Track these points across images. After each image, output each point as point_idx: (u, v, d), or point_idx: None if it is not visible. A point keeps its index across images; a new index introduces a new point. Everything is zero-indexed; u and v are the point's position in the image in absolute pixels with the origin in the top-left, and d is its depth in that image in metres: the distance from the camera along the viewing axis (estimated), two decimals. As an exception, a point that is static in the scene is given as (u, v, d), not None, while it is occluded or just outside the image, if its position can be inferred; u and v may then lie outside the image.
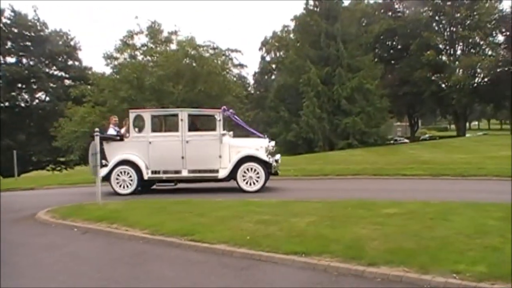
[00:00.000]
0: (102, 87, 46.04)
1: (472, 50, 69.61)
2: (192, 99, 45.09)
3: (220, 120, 15.66)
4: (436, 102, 69.64)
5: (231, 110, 17.27)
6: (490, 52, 69.14)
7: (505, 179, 17.01)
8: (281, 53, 76.64)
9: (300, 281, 6.91)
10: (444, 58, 70.45)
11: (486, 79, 69.92)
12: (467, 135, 71.68)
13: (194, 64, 47.90)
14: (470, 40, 68.49)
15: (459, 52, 71.14)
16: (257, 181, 15.46)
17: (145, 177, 15.73)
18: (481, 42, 69.66)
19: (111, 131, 16.84)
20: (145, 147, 15.71)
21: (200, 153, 15.59)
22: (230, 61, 54.09)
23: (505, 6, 72.77)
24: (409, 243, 7.82)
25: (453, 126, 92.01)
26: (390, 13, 73.50)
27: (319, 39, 52.05)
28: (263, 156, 15.55)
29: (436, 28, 70.79)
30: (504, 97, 70.19)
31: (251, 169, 15.44)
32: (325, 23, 52.44)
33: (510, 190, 12.55)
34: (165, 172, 15.81)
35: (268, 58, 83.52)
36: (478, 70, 68.36)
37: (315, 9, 55.43)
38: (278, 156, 16.02)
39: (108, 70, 49.48)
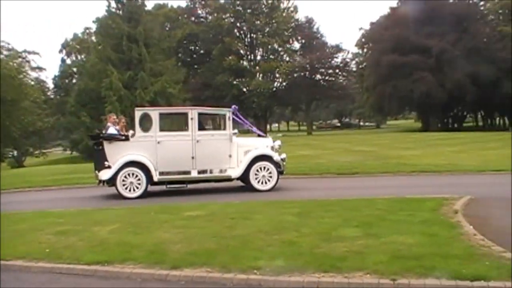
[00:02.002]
0: None
1: (271, 56, 73.09)
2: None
3: (230, 119, 15.11)
4: (238, 106, 71.86)
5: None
6: (287, 58, 73.11)
7: (302, 177, 18.08)
8: (83, 56, 74.33)
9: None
10: (245, 63, 73.20)
11: (284, 84, 73.75)
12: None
13: (-15, 67, 44.78)
14: (269, 47, 71.94)
15: (259, 57, 74.37)
16: (269, 180, 14.85)
17: (155, 179, 14.48)
18: (279, 49, 73.51)
19: (112, 130, 15.32)
20: (153, 147, 14.51)
21: (211, 153, 14.82)
22: (27, 63, 51.51)
23: (300, 16, 77.29)
24: (211, 244, 7.89)
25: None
26: (193, 18, 74.66)
27: (121, 43, 51.08)
28: (275, 155, 15.11)
29: (238, 34, 73.24)
30: (300, 100, 74.66)
31: (263, 168, 14.86)
32: (127, 26, 51.59)
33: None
34: (174, 173, 14.74)
35: (68, 61, 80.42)
36: (277, 75, 71.94)
37: (117, 11, 54.27)
38: (284, 155, 15.37)
39: None
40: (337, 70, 76.97)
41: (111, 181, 14.48)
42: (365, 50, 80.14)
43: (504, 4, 66.80)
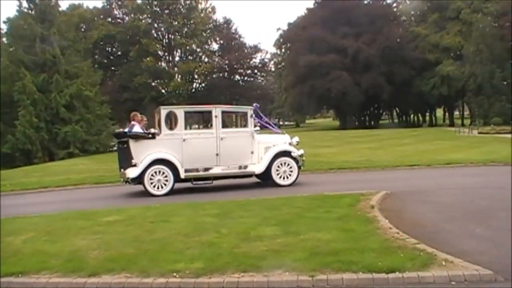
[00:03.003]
0: None
1: (189, 57, 72.85)
2: None
3: (252, 117, 15.50)
4: (157, 107, 71.39)
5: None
6: (206, 59, 73.13)
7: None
8: (-8, 58, 71.81)
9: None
10: (163, 64, 72.67)
11: (203, 85, 73.75)
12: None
13: None
14: (188, 48, 71.64)
15: (177, 58, 73.99)
16: (290, 175, 15.32)
17: (182, 176, 14.71)
18: (198, 50, 73.39)
19: (137, 128, 15.31)
20: (179, 145, 14.76)
21: (234, 150, 15.20)
22: None
23: (219, 16, 77.64)
24: (129, 249, 7.74)
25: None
26: (109, 19, 73.37)
27: (34, 44, 49.52)
28: (294, 150, 15.49)
29: (155, 35, 72.57)
30: (219, 101, 74.65)
31: (284, 163, 15.33)
32: (40, 27, 49.95)
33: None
34: (199, 170, 15.03)
35: (-23, 64, 77.59)
36: (196, 76, 71.80)
37: (30, 11, 52.49)
38: (302, 151, 15.73)
39: None
40: (255, 71, 77.68)
41: (138, 179, 14.55)
42: (283, 50, 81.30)
43: (416, 6, 69.41)
